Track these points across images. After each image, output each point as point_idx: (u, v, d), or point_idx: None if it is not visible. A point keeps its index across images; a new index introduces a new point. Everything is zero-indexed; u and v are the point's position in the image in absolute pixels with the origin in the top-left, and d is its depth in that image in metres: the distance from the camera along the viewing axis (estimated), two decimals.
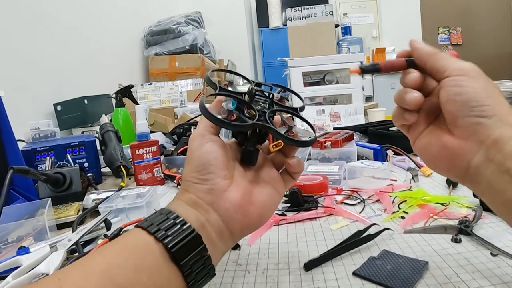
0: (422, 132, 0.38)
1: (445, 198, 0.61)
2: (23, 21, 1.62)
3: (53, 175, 0.73)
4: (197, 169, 0.35)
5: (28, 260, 0.48)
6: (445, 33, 4.68)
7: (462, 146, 0.34)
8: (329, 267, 0.45)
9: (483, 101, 0.32)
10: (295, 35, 1.48)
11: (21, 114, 1.44)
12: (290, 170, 0.40)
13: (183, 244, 0.30)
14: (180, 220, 0.32)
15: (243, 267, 0.46)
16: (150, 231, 0.30)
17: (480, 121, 0.32)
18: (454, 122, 0.34)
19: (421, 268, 0.42)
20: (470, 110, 0.33)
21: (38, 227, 0.59)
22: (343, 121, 1.29)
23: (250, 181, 0.37)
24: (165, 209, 0.33)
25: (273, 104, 0.41)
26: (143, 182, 0.87)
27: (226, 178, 0.35)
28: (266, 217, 0.38)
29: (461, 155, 0.34)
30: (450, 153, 0.35)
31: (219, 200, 0.34)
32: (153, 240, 0.30)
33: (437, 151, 0.36)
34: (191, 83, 2.46)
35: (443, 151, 0.35)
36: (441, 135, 0.36)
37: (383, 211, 0.60)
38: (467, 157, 0.34)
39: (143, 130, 0.88)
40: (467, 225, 0.50)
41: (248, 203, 0.35)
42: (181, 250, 0.30)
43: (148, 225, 0.31)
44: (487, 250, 0.45)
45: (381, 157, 0.87)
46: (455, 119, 0.34)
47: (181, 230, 0.31)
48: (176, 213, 0.32)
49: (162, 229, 0.30)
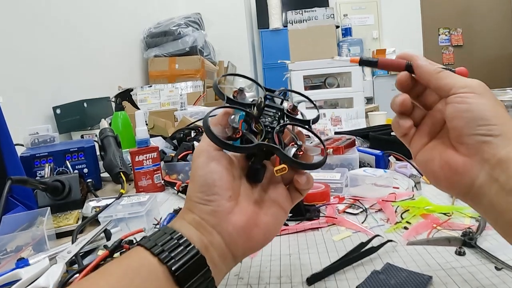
0: (425, 146, 0.38)
1: (448, 208, 0.61)
2: (22, 22, 1.61)
3: (51, 183, 0.73)
4: (201, 189, 0.34)
5: (28, 273, 0.48)
6: (445, 34, 4.68)
7: (466, 164, 0.33)
8: (332, 282, 0.44)
9: (491, 120, 0.32)
10: (296, 38, 1.48)
11: (20, 117, 1.44)
12: (298, 187, 0.38)
13: (187, 267, 0.29)
14: (184, 241, 0.31)
15: (245, 280, 0.46)
16: (154, 252, 0.30)
17: (487, 140, 0.32)
18: (460, 138, 0.34)
19: (425, 283, 0.41)
20: (477, 128, 0.32)
21: (37, 237, 0.58)
22: (344, 125, 1.28)
23: (256, 201, 0.36)
24: (168, 228, 0.33)
25: (284, 117, 0.40)
26: (143, 188, 0.86)
27: (231, 199, 0.34)
28: (271, 238, 0.37)
29: (464, 173, 0.33)
30: (452, 170, 0.34)
31: (223, 223, 0.33)
32: (157, 262, 0.29)
33: (439, 166, 0.35)
34: (191, 85, 2.45)
35: (445, 167, 0.35)
36: (444, 151, 0.35)
37: (386, 221, 0.60)
38: (470, 175, 0.33)
39: (143, 137, 0.88)
40: (471, 237, 0.49)
41: (252, 226, 0.34)
42: (185, 273, 0.29)
43: (152, 245, 0.30)
44: (491, 263, 0.45)
45: (383, 163, 0.86)
46: (461, 136, 0.33)
47: (186, 252, 0.30)
48: (180, 233, 0.32)
49: (166, 250, 0.30)
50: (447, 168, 0.35)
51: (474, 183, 0.33)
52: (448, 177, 0.35)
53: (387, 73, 3.96)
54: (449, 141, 0.35)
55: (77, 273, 0.46)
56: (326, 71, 1.41)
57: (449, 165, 0.34)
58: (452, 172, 0.34)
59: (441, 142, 0.36)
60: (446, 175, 0.35)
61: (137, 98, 2.17)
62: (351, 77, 1.38)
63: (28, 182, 0.62)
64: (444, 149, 0.35)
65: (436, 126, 0.37)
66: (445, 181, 0.36)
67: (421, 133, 0.38)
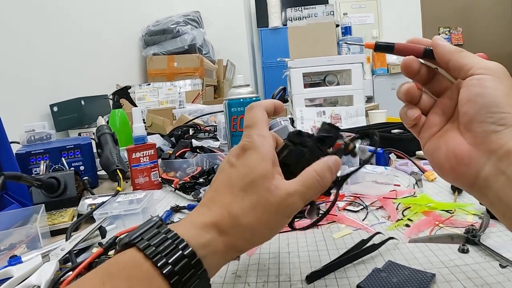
0: (433, 136, 0.36)
1: (451, 205, 0.59)
2: (19, 20, 1.60)
3: (46, 180, 0.72)
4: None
5: (20, 271, 0.47)
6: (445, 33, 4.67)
7: (472, 154, 0.32)
8: (332, 280, 0.43)
9: (504, 108, 0.30)
10: (295, 36, 1.46)
11: (17, 115, 1.43)
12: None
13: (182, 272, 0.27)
14: (179, 241, 0.29)
15: (243, 279, 0.45)
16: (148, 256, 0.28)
17: (496, 129, 0.30)
18: (469, 125, 0.32)
19: (428, 281, 0.40)
20: (488, 115, 0.31)
21: (31, 234, 0.57)
22: (344, 123, 1.27)
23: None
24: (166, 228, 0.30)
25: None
26: (140, 186, 0.85)
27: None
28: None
29: (469, 164, 0.32)
30: (458, 160, 0.33)
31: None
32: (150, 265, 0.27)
33: (445, 156, 0.34)
34: (189, 84, 2.44)
35: (451, 157, 0.34)
36: (451, 140, 0.34)
37: (387, 218, 0.59)
38: (476, 166, 0.32)
39: (140, 133, 0.86)
40: (474, 235, 0.48)
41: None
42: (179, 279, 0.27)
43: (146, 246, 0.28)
44: (495, 261, 0.43)
45: (383, 161, 0.85)
46: (471, 122, 0.32)
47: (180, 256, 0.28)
48: (174, 232, 0.30)
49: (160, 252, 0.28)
50: (453, 158, 0.33)
51: (480, 174, 0.32)
52: (454, 167, 0.33)
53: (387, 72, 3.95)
54: (458, 130, 0.34)
55: (70, 271, 0.45)
56: (326, 68, 1.40)
57: (455, 155, 0.33)
58: (457, 162, 0.33)
59: (450, 131, 0.35)
60: (451, 165, 0.34)
61: (136, 96, 2.15)
62: (351, 74, 1.36)
63: (22, 178, 0.61)
64: (452, 138, 0.34)
65: (446, 114, 0.36)
66: (451, 172, 0.34)
67: (430, 122, 0.37)
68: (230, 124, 0.79)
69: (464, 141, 0.33)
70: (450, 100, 0.36)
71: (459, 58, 0.33)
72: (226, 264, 0.48)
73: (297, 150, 0.36)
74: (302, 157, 0.36)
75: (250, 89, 0.79)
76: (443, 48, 0.35)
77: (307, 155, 0.36)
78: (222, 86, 3.34)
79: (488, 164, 0.31)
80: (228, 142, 0.82)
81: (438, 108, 0.37)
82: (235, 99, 0.78)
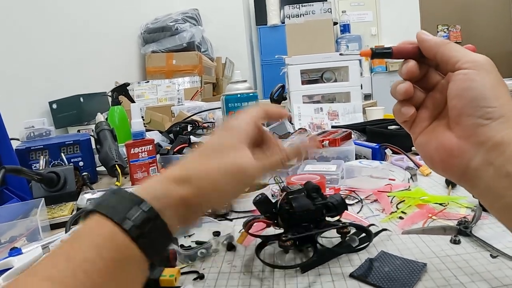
0: (424, 130, 0.37)
1: (444, 198, 0.60)
2: (18, 17, 1.60)
3: (46, 174, 0.72)
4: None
5: (20, 261, 0.48)
6: (444, 31, 4.67)
7: (460, 146, 0.33)
8: (326, 269, 0.44)
9: (491, 102, 0.31)
10: (293, 33, 1.47)
11: (16, 112, 1.43)
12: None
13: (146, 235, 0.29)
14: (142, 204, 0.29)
15: (238, 268, 0.46)
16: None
17: (484, 123, 0.31)
18: (458, 119, 0.33)
19: (420, 270, 0.41)
20: (476, 109, 0.31)
21: (31, 227, 0.58)
22: (342, 119, 1.28)
23: None
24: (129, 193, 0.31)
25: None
26: (138, 181, 0.86)
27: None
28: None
29: (458, 156, 0.33)
30: (447, 152, 0.34)
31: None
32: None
33: (435, 149, 0.35)
34: (188, 81, 2.44)
35: (440, 149, 0.35)
36: (441, 133, 0.35)
37: (381, 211, 0.60)
38: (465, 158, 0.33)
39: (138, 129, 0.87)
40: (466, 226, 0.49)
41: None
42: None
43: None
44: (486, 251, 0.44)
45: (379, 156, 0.86)
46: (460, 116, 0.33)
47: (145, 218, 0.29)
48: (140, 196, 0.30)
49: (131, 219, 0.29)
50: (442, 150, 0.34)
51: (469, 166, 0.33)
52: (443, 159, 0.34)
53: (386, 69, 3.96)
54: (448, 123, 0.35)
55: None
56: (323, 65, 1.40)
57: (444, 147, 0.34)
58: (446, 154, 0.34)
59: (440, 124, 0.36)
60: (441, 157, 0.35)
61: (134, 93, 2.16)
62: (349, 71, 1.37)
63: (22, 172, 0.62)
64: (442, 131, 0.35)
65: (437, 108, 0.37)
66: (441, 164, 0.35)
67: (422, 116, 0.37)
68: None
69: (453, 134, 0.34)
70: (440, 94, 0.36)
71: (446, 51, 0.34)
72: (222, 255, 0.49)
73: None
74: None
75: (247, 85, 0.80)
76: (429, 42, 0.35)
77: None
78: (221, 83, 3.34)
79: (477, 156, 0.32)
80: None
81: (428, 102, 0.37)
82: (233, 95, 0.78)
